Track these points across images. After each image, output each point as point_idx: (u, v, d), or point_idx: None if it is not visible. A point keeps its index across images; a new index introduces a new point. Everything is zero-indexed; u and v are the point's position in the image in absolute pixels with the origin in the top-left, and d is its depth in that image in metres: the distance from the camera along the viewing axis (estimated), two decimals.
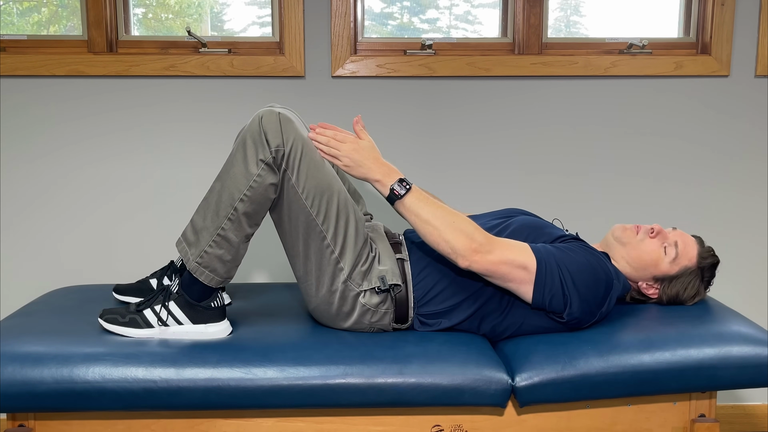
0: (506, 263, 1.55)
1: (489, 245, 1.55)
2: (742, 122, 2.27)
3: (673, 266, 1.74)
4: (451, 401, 1.50)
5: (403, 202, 1.58)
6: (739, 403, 2.38)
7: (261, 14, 2.30)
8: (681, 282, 1.75)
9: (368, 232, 1.72)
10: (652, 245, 1.75)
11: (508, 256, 1.56)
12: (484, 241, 1.55)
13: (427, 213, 1.57)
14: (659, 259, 1.74)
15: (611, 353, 1.53)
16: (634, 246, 1.75)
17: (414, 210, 1.58)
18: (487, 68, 2.20)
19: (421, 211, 1.57)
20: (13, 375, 1.45)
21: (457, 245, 1.54)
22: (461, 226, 1.56)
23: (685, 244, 1.76)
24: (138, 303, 1.62)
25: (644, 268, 1.75)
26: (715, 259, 1.77)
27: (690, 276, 1.76)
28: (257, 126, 1.54)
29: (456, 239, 1.54)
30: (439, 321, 1.67)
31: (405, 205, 1.58)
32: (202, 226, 1.58)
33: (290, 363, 1.50)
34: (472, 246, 1.54)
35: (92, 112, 2.18)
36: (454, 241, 1.54)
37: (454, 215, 1.58)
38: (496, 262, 1.55)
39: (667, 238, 1.76)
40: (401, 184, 1.59)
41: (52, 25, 2.29)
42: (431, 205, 1.58)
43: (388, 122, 2.23)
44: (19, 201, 2.20)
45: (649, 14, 2.34)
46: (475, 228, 1.56)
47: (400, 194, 1.58)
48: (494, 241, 1.57)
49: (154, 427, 1.54)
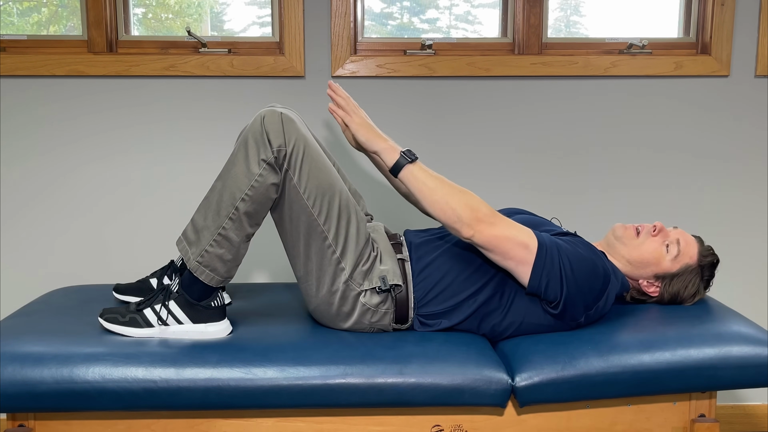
0: (509, 239, 1.56)
1: (493, 218, 1.57)
2: (742, 122, 2.27)
3: (674, 264, 1.75)
4: (451, 401, 1.50)
5: (413, 166, 1.59)
6: (739, 403, 2.38)
7: (261, 14, 2.30)
8: (682, 280, 1.76)
9: (369, 232, 1.72)
10: (654, 244, 1.75)
11: (512, 231, 1.57)
12: (489, 213, 1.57)
13: (434, 181, 1.59)
14: (661, 256, 1.75)
15: (611, 353, 1.53)
16: (636, 246, 1.76)
17: (422, 177, 1.59)
18: (487, 68, 2.20)
19: (428, 179, 1.59)
20: (13, 375, 1.45)
21: (462, 213, 1.55)
22: (468, 197, 1.57)
23: (687, 242, 1.76)
24: (138, 302, 1.62)
25: (646, 266, 1.76)
26: (715, 258, 1.78)
27: (691, 274, 1.76)
28: (259, 126, 1.54)
29: (462, 208, 1.55)
30: (439, 321, 1.67)
31: (413, 171, 1.59)
32: (203, 225, 1.58)
33: (290, 363, 1.50)
34: (478, 215, 1.55)
35: (92, 112, 2.18)
36: (460, 210, 1.55)
37: (460, 188, 1.59)
38: (499, 236, 1.56)
39: (668, 236, 1.76)
40: (409, 152, 1.61)
41: (52, 25, 2.29)
42: (437, 175, 1.61)
43: (388, 122, 2.23)
44: (19, 201, 2.20)
45: (649, 14, 2.34)
46: (481, 201, 1.58)
47: (412, 159, 1.60)
48: (499, 215, 1.59)
49: (154, 427, 1.54)
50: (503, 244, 1.56)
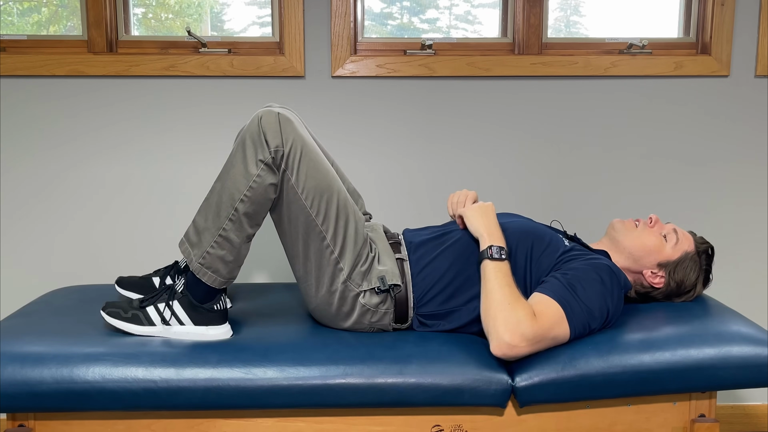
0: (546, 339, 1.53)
1: (533, 337, 1.50)
2: (742, 122, 2.27)
3: (675, 251, 1.77)
4: (451, 401, 1.50)
5: (489, 263, 1.59)
6: (739, 403, 2.38)
7: (261, 14, 2.30)
8: (684, 267, 1.77)
9: (368, 232, 1.72)
10: (652, 234, 1.78)
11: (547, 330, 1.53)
12: (531, 335, 1.49)
13: (496, 288, 1.55)
14: (661, 244, 1.77)
15: (611, 353, 1.53)
16: (636, 236, 1.78)
17: (490, 276, 1.57)
18: (487, 68, 2.20)
19: (492, 283, 1.56)
20: (13, 375, 1.45)
21: (504, 336, 1.48)
22: (516, 316, 1.49)
23: (683, 232, 1.80)
24: (141, 299, 1.62)
25: (647, 255, 1.76)
26: (709, 246, 1.81)
27: (691, 261, 1.78)
28: (256, 126, 1.54)
29: (503, 330, 1.49)
30: (438, 323, 1.67)
31: (486, 267, 1.59)
32: (204, 226, 1.58)
33: (290, 363, 1.50)
34: (517, 342, 1.48)
35: (92, 112, 2.18)
36: (502, 331, 1.49)
37: (515, 306, 1.51)
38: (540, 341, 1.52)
39: (664, 228, 1.80)
40: (501, 250, 1.61)
41: (52, 25, 2.29)
42: (507, 284, 1.56)
43: (388, 122, 2.23)
44: (19, 201, 2.20)
45: (649, 14, 2.34)
46: (530, 323, 1.49)
47: (493, 256, 1.59)
48: (538, 329, 1.51)
49: (154, 427, 1.54)
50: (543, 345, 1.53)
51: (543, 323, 1.50)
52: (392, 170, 2.25)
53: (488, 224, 1.67)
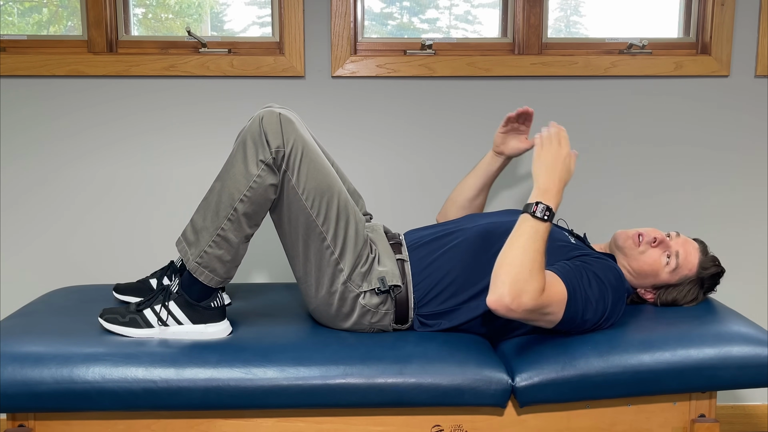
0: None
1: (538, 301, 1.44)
2: (742, 122, 2.27)
3: (672, 276, 1.75)
4: (451, 401, 1.50)
5: (532, 221, 1.47)
6: (739, 403, 2.38)
7: (261, 14, 2.29)
8: (678, 290, 1.76)
9: (368, 233, 1.72)
10: (654, 255, 1.74)
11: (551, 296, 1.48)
12: (533, 302, 1.43)
13: (525, 248, 1.44)
14: (659, 269, 1.74)
15: (611, 353, 1.53)
16: (636, 257, 1.75)
17: (524, 232, 1.47)
18: (487, 68, 2.20)
19: (523, 241, 1.45)
20: (13, 375, 1.45)
21: (507, 290, 1.41)
22: (532, 284, 1.42)
23: (687, 252, 1.75)
24: (138, 303, 1.62)
25: (644, 277, 1.76)
26: (717, 270, 1.77)
27: (689, 285, 1.76)
28: (257, 126, 1.54)
29: (510, 285, 1.41)
30: (439, 322, 1.67)
31: (524, 222, 1.48)
32: (202, 226, 1.58)
33: (290, 363, 1.50)
34: (517, 303, 1.41)
35: (92, 112, 2.18)
36: (509, 283, 1.41)
37: (537, 270, 1.44)
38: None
39: (669, 248, 1.75)
40: (547, 211, 1.47)
41: (53, 25, 2.29)
42: (539, 249, 1.45)
43: (388, 122, 2.23)
44: (19, 201, 2.20)
45: (649, 14, 2.34)
46: (538, 293, 1.43)
47: (537, 215, 1.46)
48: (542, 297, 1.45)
49: (154, 427, 1.54)
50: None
51: (545, 300, 1.44)
52: (392, 170, 2.25)
53: (551, 176, 1.50)
